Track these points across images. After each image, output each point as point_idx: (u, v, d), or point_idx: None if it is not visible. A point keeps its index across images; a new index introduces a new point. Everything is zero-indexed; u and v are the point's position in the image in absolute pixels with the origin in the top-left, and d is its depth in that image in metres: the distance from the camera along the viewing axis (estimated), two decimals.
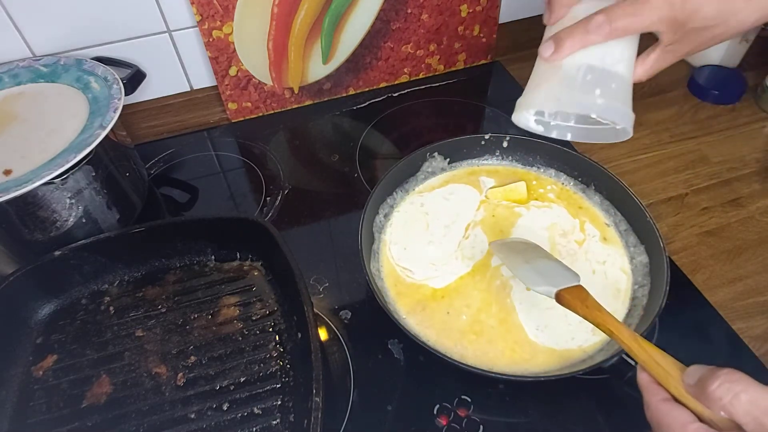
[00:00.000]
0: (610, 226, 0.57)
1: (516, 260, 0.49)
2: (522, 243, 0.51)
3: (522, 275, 0.47)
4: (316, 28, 0.72)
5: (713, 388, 0.31)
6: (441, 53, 0.82)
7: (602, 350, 0.48)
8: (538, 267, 0.47)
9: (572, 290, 0.44)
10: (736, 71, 0.79)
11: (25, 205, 0.51)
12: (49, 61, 0.62)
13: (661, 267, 0.49)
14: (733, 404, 0.30)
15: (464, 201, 0.60)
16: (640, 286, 0.52)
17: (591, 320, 0.41)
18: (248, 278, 0.55)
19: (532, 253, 0.49)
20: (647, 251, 0.53)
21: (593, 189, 0.60)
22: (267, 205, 0.66)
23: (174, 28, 0.71)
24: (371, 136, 0.75)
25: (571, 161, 0.61)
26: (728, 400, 0.30)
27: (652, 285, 0.50)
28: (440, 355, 0.45)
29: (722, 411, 0.31)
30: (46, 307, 0.54)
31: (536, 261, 0.47)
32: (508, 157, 0.64)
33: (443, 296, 0.52)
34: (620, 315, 0.50)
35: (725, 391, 0.31)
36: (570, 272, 0.45)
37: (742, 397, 0.30)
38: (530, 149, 0.63)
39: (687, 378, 0.34)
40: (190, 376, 0.49)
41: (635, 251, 0.54)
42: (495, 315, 0.50)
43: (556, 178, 0.62)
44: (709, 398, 0.31)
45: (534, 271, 0.46)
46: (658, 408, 0.34)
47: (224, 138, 0.75)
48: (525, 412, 0.48)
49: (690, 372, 0.34)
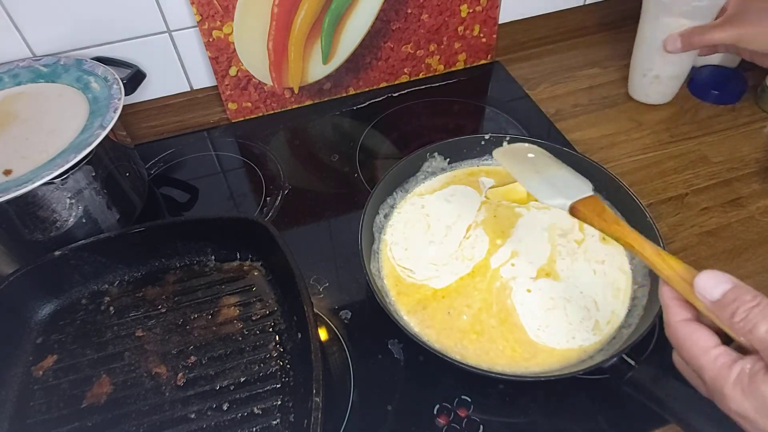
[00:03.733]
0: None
1: (524, 170, 0.46)
2: (527, 148, 0.48)
3: (532, 187, 0.44)
4: (316, 28, 0.72)
5: (732, 314, 0.30)
6: (441, 53, 0.82)
7: (602, 350, 0.48)
8: (550, 177, 0.44)
9: (587, 202, 0.41)
10: (736, 71, 0.79)
11: (25, 205, 0.51)
12: (49, 61, 0.62)
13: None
14: (753, 333, 0.29)
15: (465, 202, 0.60)
16: (640, 286, 0.52)
17: (609, 234, 0.39)
18: (248, 278, 0.55)
19: (541, 162, 0.46)
20: None
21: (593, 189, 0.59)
22: (267, 205, 0.66)
23: (174, 28, 0.71)
24: (371, 136, 0.75)
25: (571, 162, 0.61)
26: (748, 329, 0.29)
27: (652, 285, 0.50)
28: (440, 355, 0.45)
29: (742, 337, 0.30)
30: (46, 307, 0.54)
31: (547, 170, 0.44)
32: None
33: (444, 296, 0.52)
34: (620, 315, 0.50)
35: (744, 320, 0.29)
36: (582, 181, 0.43)
37: (761, 328, 0.29)
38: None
39: (707, 292, 0.31)
40: (190, 376, 0.49)
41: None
42: (496, 315, 0.50)
43: None
44: (730, 323, 0.30)
45: (546, 183, 0.43)
46: (679, 329, 0.33)
47: (224, 138, 0.75)
48: (525, 412, 0.48)
49: (710, 284, 0.31)
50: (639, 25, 0.73)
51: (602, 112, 0.77)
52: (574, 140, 0.72)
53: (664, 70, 0.73)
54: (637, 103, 0.78)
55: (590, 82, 0.82)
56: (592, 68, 0.84)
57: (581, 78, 0.82)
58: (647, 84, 0.75)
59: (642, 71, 0.75)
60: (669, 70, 0.73)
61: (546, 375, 0.46)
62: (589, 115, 0.76)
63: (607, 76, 0.82)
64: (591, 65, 0.84)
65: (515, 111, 0.77)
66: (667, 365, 0.50)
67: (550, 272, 0.53)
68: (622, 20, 0.91)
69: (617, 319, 0.50)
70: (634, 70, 0.76)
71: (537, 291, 0.52)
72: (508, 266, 0.54)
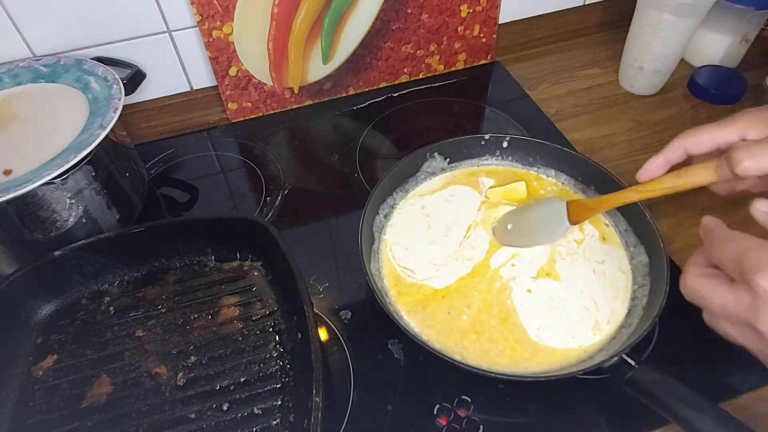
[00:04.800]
0: (609, 226, 0.57)
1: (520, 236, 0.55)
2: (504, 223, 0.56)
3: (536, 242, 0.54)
4: (316, 28, 0.72)
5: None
6: (441, 53, 0.82)
7: (602, 350, 0.48)
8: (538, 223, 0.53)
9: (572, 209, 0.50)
10: (736, 71, 0.79)
11: (25, 205, 0.51)
12: (49, 61, 0.62)
13: (661, 267, 0.49)
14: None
15: (465, 202, 0.60)
16: (640, 286, 0.52)
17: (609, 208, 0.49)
18: (248, 278, 0.55)
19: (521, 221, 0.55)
20: (647, 251, 0.53)
21: (593, 189, 0.60)
22: (267, 205, 0.66)
23: (174, 28, 0.71)
24: (371, 136, 0.75)
25: (571, 162, 0.61)
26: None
27: (652, 285, 0.50)
28: (440, 355, 0.45)
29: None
30: (46, 307, 0.54)
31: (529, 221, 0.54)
32: (509, 158, 0.64)
33: (444, 296, 0.52)
34: (620, 315, 0.50)
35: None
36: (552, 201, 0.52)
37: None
38: (530, 150, 0.63)
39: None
40: (190, 376, 0.49)
41: (635, 251, 0.54)
42: (496, 315, 0.51)
43: (556, 178, 0.62)
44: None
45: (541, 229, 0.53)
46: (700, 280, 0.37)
47: (224, 138, 0.75)
48: (525, 412, 0.48)
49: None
50: (633, 18, 0.74)
51: (602, 112, 0.77)
52: (574, 140, 0.72)
53: (649, 64, 0.74)
54: (637, 102, 0.78)
55: (590, 82, 0.82)
56: (592, 68, 0.84)
57: (581, 78, 0.82)
58: (633, 74, 0.77)
59: (629, 61, 0.77)
60: (653, 64, 0.74)
61: (546, 375, 0.46)
62: (589, 115, 0.76)
63: (607, 76, 0.82)
64: (591, 65, 0.85)
65: (515, 111, 0.77)
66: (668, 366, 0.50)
67: (550, 272, 0.53)
68: (621, 20, 0.91)
69: (617, 319, 0.50)
70: (623, 59, 0.79)
71: (537, 291, 0.52)
72: (508, 266, 0.54)
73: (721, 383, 0.49)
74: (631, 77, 0.78)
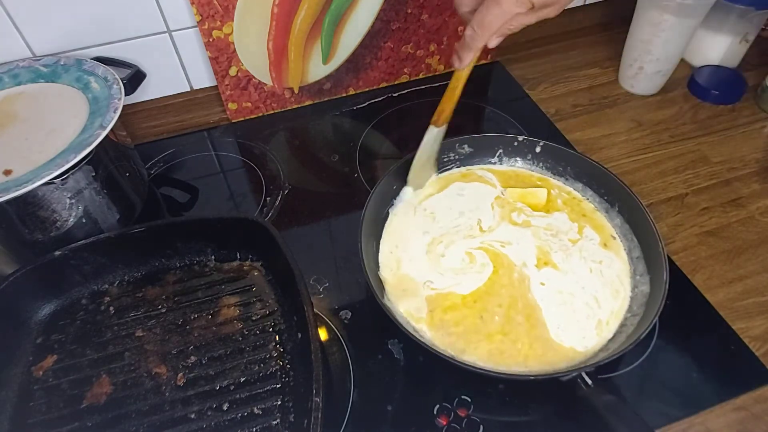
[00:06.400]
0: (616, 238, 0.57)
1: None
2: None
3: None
4: (316, 28, 0.72)
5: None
6: (441, 53, 0.82)
7: (603, 350, 0.48)
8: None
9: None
10: (736, 71, 0.79)
11: (25, 205, 0.51)
12: (49, 61, 0.62)
13: (661, 267, 0.49)
14: None
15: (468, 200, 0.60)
16: (639, 287, 0.52)
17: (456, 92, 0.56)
18: (248, 278, 0.55)
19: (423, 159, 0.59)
20: (647, 252, 0.53)
21: (616, 210, 0.57)
22: (267, 205, 0.66)
23: (174, 28, 0.71)
24: (371, 136, 0.75)
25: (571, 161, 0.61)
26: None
27: (652, 285, 0.50)
28: (440, 355, 0.45)
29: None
30: (46, 307, 0.54)
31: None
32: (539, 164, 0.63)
33: (444, 296, 0.52)
34: (620, 315, 0.50)
35: None
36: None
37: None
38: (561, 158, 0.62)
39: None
40: (190, 376, 0.49)
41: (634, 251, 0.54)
42: (522, 311, 0.51)
43: (582, 193, 0.61)
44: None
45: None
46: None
47: (224, 138, 0.75)
48: (525, 412, 0.48)
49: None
50: (633, 18, 0.75)
51: (602, 112, 0.77)
52: (574, 140, 0.72)
53: (649, 64, 0.75)
54: (637, 102, 0.78)
55: (590, 82, 0.82)
56: (592, 68, 0.84)
57: (581, 78, 0.82)
58: (633, 74, 0.78)
59: (629, 62, 0.77)
60: (653, 64, 0.74)
61: (546, 375, 0.46)
62: (589, 115, 0.76)
63: (607, 76, 0.82)
64: (591, 65, 0.85)
65: (515, 111, 0.77)
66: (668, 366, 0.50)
67: (547, 262, 0.54)
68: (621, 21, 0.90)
69: (617, 319, 0.50)
70: (623, 59, 0.79)
71: (548, 284, 0.52)
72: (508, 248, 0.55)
73: (721, 383, 0.49)
74: (631, 77, 0.78)
